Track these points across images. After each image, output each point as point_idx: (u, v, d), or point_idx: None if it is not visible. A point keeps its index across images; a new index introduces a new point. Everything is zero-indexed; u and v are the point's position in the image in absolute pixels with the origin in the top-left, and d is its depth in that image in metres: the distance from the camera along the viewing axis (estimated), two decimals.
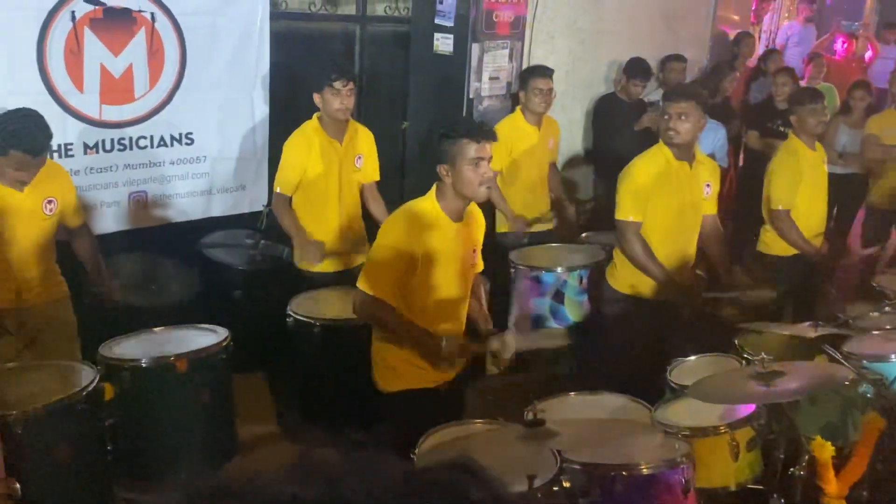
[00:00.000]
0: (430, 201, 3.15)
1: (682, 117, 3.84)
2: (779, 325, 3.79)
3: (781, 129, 6.34)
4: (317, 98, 4.22)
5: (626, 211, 3.96)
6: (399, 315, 3.14)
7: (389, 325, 3.19)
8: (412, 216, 3.12)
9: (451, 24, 5.34)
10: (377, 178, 4.57)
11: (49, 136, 3.46)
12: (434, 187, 3.17)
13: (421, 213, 3.12)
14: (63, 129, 4.09)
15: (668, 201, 3.93)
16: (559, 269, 4.56)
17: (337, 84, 4.15)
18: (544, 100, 5.01)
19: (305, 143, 4.25)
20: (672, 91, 4.16)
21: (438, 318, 3.20)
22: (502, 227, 5.05)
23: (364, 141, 4.48)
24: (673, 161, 3.92)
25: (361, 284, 3.13)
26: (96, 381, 3.17)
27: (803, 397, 3.09)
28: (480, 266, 3.42)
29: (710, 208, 4.17)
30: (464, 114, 5.34)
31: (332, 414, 3.99)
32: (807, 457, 2.99)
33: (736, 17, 8.89)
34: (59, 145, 4.10)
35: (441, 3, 5.35)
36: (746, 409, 3.14)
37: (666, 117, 3.90)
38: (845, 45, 8.86)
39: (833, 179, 5.03)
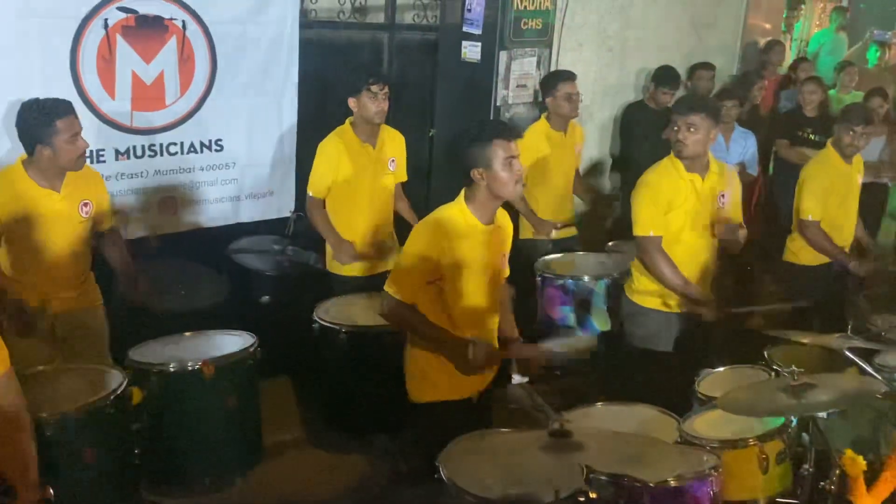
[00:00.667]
0: (459, 207, 3.14)
1: (692, 129, 3.77)
2: (807, 334, 3.73)
3: (811, 137, 6.29)
4: (352, 103, 4.26)
5: (645, 226, 3.89)
6: (425, 318, 3.14)
7: (417, 328, 3.17)
8: (441, 223, 3.11)
9: (479, 32, 5.35)
10: (405, 178, 4.64)
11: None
12: (462, 193, 3.16)
13: (450, 220, 3.11)
14: (95, 136, 4.15)
15: (682, 213, 3.86)
16: (586, 278, 4.53)
17: (374, 87, 4.21)
18: (574, 104, 5.02)
19: (337, 147, 4.29)
20: (681, 103, 4.04)
21: (469, 325, 3.18)
22: (526, 233, 5.04)
23: (396, 144, 4.52)
24: (684, 173, 3.86)
25: (389, 288, 3.13)
26: (125, 384, 3.20)
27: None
28: (507, 272, 3.40)
29: (733, 216, 4.07)
30: None
31: (358, 420, 4.00)
32: (837, 471, 2.95)
33: (767, 26, 8.82)
34: (92, 151, 4.14)
35: (469, 10, 5.36)
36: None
37: (675, 129, 3.83)
38: (878, 54, 8.75)
39: None
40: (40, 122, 3.38)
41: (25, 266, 3.54)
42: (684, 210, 3.86)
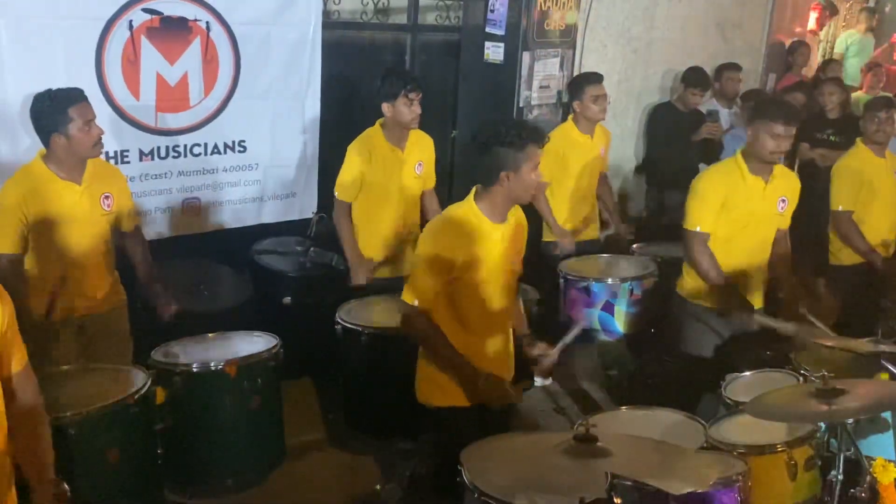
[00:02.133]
0: (468, 206, 3.09)
1: (790, 139, 3.84)
2: (836, 337, 3.67)
3: (832, 139, 6.20)
4: (387, 108, 4.21)
5: (694, 221, 3.90)
6: (444, 338, 3.09)
7: (433, 347, 3.12)
8: (451, 223, 3.08)
9: (502, 33, 5.33)
10: (433, 183, 4.58)
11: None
12: (473, 192, 3.11)
13: (460, 219, 3.07)
14: (119, 136, 4.17)
15: (736, 214, 3.86)
16: (610, 280, 4.50)
17: (412, 94, 4.18)
18: (602, 107, 4.97)
19: (366, 150, 4.26)
20: (791, 114, 3.88)
21: (485, 326, 3.15)
22: (549, 236, 5.00)
23: (425, 147, 4.49)
24: (748, 175, 3.86)
25: (406, 296, 3.09)
26: (148, 384, 3.20)
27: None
28: (520, 270, 3.35)
29: (783, 223, 4.05)
30: None
31: (380, 422, 3.98)
32: (868, 478, 2.89)
33: (796, 28, 8.72)
34: (116, 152, 4.18)
35: (492, 11, 5.34)
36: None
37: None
38: None
39: None
40: (53, 110, 3.38)
41: (51, 266, 3.55)
42: (738, 209, 3.85)
